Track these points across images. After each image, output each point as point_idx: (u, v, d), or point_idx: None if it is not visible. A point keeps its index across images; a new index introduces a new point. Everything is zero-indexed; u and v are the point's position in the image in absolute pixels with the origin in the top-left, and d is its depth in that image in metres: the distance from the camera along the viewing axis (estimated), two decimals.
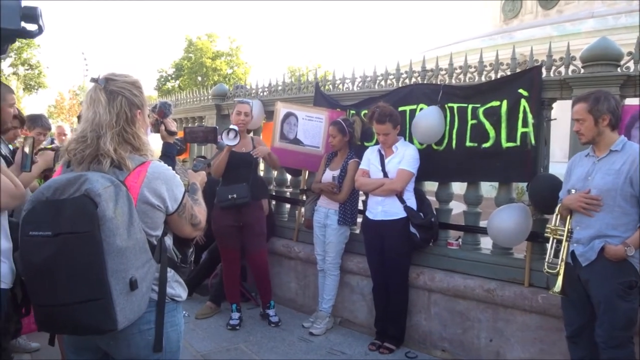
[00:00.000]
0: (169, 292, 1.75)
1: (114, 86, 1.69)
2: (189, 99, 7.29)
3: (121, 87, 1.70)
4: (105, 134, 1.64)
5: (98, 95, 1.68)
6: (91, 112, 1.67)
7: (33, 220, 1.54)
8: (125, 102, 1.69)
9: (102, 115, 1.66)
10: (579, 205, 2.66)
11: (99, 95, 1.68)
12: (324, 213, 4.21)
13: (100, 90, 1.68)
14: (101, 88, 1.68)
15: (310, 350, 3.85)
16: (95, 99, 1.68)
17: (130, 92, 1.72)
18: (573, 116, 2.73)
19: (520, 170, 3.49)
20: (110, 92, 1.68)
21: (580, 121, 2.67)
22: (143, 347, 1.69)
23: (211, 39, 32.39)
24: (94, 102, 1.68)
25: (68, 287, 1.49)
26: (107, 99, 1.67)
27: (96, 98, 1.68)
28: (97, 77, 1.70)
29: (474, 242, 3.83)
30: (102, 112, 1.66)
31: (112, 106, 1.67)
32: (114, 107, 1.67)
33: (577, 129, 2.72)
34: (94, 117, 1.66)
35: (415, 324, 3.94)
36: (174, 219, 1.75)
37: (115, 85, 1.70)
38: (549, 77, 3.40)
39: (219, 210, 4.18)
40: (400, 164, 3.72)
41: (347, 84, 4.78)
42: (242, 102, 4.39)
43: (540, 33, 12.27)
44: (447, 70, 3.97)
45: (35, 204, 1.56)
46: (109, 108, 1.67)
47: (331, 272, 4.21)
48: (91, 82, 1.71)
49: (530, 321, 3.35)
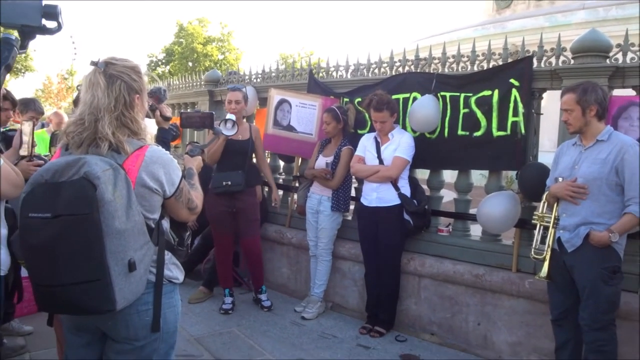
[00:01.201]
0: (167, 274, 1.77)
1: (114, 70, 1.70)
2: (182, 85, 7.26)
3: (120, 72, 1.71)
4: (103, 117, 1.65)
5: (97, 78, 1.68)
6: (90, 95, 1.68)
7: (32, 203, 1.55)
8: (124, 86, 1.70)
9: (100, 99, 1.66)
10: (565, 193, 2.74)
11: (98, 79, 1.68)
12: (316, 199, 4.26)
13: (100, 74, 1.68)
14: (100, 71, 1.68)
15: (302, 334, 3.92)
16: (95, 82, 1.68)
17: (129, 76, 1.72)
18: (562, 106, 2.80)
19: (510, 159, 3.56)
20: (109, 76, 1.69)
21: (569, 111, 2.74)
22: (141, 328, 1.72)
23: (202, 24, 32.05)
24: (92, 85, 1.68)
25: (67, 268, 1.51)
26: (106, 82, 1.68)
27: (95, 81, 1.68)
28: (97, 61, 1.71)
29: (463, 228, 3.90)
30: (101, 95, 1.67)
31: (110, 90, 1.68)
32: (112, 91, 1.68)
33: (565, 119, 2.79)
34: (92, 100, 1.67)
35: (405, 309, 4.02)
36: (171, 203, 1.78)
37: (114, 69, 1.70)
38: (539, 67, 3.46)
39: (213, 196, 4.21)
40: (396, 152, 3.77)
41: (340, 72, 4.81)
42: (233, 89, 4.34)
43: (532, 23, 12.36)
44: (440, 59, 4.01)
45: (35, 187, 1.57)
46: (108, 92, 1.67)
47: (323, 258, 4.27)
48: (91, 65, 1.71)
49: (517, 305, 3.44)
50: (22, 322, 3.69)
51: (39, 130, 5.39)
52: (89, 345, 1.81)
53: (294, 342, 3.77)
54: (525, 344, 3.42)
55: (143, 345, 1.74)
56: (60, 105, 26.05)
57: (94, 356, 1.82)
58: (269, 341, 3.77)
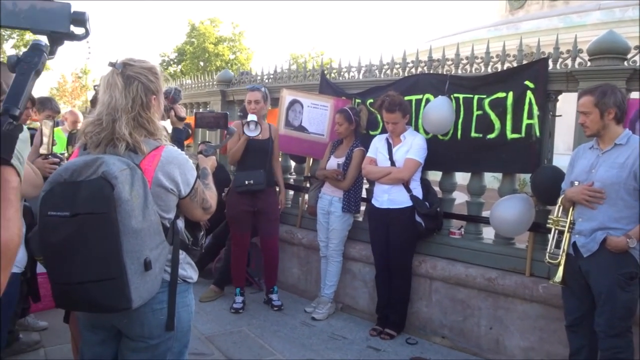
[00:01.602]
0: (181, 273, 1.79)
1: (131, 71, 1.71)
2: (194, 85, 7.29)
3: (138, 73, 1.72)
4: (120, 117, 1.66)
5: (115, 79, 1.70)
6: (107, 96, 1.70)
7: (51, 201, 1.57)
8: (141, 87, 1.71)
9: (118, 100, 1.68)
10: (582, 197, 2.70)
11: (115, 80, 1.70)
12: (328, 200, 4.25)
13: (117, 75, 1.70)
14: (118, 72, 1.70)
15: (312, 335, 3.91)
16: (112, 83, 1.70)
17: (146, 77, 1.73)
18: (579, 108, 2.76)
19: (524, 162, 3.53)
20: (127, 77, 1.70)
21: (586, 114, 2.70)
22: (156, 326, 1.74)
23: (214, 24, 32.17)
24: (110, 86, 1.70)
25: (85, 266, 1.53)
26: (124, 83, 1.69)
27: (113, 82, 1.70)
28: (115, 62, 1.72)
29: (476, 231, 3.87)
30: (118, 96, 1.68)
31: (128, 91, 1.69)
32: (130, 92, 1.69)
33: (582, 122, 2.74)
34: (109, 101, 1.69)
35: (416, 311, 4.00)
36: (185, 203, 1.79)
37: (132, 70, 1.72)
38: (555, 69, 3.42)
39: (235, 195, 4.24)
40: (408, 153, 3.75)
41: (352, 73, 4.80)
42: (252, 89, 4.34)
43: (547, 24, 12.24)
44: (453, 61, 3.99)
45: (54, 185, 1.59)
46: (125, 92, 1.69)
47: (334, 259, 4.26)
48: (109, 66, 1.73)
49: (530, 310, 3.40)
50: (37, 318, 3.74)
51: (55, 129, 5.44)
52: (105, 342, 1.83)
53: (304, 343, 3.76)
54: (538, 349, 3.38)
55: (157, 343, 1.76)
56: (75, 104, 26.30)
57: (109, 353, 1.84)
58: (279, 341, 3.77)
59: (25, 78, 1.08)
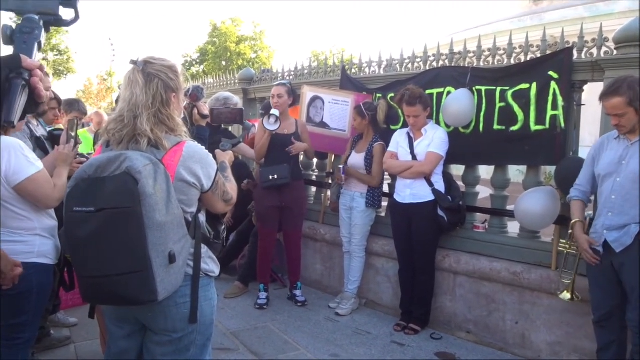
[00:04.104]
0: (203, 267, 1.82)
1: (152, 69, 1.75)
2: (216, 83, 7.37)
3: (158, 71, 1.75)
4: (141, 114, 1.70)
5: (136, 76, 1.74)
6: (128, 93, 1.73)
7: (77, 197, 1.61)
8: (161, 84, 1.74)
9: (138, 96, 1.72)
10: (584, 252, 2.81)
11: (136, 77, 1.73)
12: (350, 196, 4.26)
13: (138, 72, 1.74)
14: (139, 70, 1.74)
15: (336, 330, 3.93)
16: (133, 80, 1.74)
17: (166, 75, 1.77)
18: (610, 111, 2.64)
19: (549, 154, 3.47)
20: (147, 75, 1.74)
21: (620, 115, 2.59)
22: (179, 320, 1.77)
23: (235, 24, 32.40)
24: (131, 83, 1.74)
25: (111, 259, 1.56)
26: (145, 80, 1.73)
27: (134, 79, 1.74)
28: (136, 60, 1.76)
29: (500, 225, 3.83)
30: (139, 93, 1.72)
31: (148, 88, 1.72)
32: (150, 89, 1.72)
33: (616, 123, 2.63)
34: (131, 98, 1.72)
35: (440, 306, 3.98)
36: (207, 196, 1.83)
37: (152, 68, 1.75)
38: (580, 59, 3.35)
39: (262, 191, 4.28)
40: (430, 147, 3.72)
41: (373, 67, 4.78)
42: (278, 84, 4.38)
43: (572, 14, 11.96)
44: (475, 53, 3.94)
45: (79, 181, 1.62)
46: (146, 89, 1.72)
47: (357, 254, 4.27)
48: (130, 64, 1.77)
49: (556, 304, 3.35)
50: (67, 314, 3.85)
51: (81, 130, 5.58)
52: (130, 336, 1.87)
53: (328, 338, 3.78)
54: (565, 343, 3.33)
55: (181, 337, 1.79)
56: (100, 106, 26.86)
57: (134, 347, 1.88)
58: (303, 336, 3.80)
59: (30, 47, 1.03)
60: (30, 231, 2.21)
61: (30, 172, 2.12)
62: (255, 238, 4.68)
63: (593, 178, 2.86)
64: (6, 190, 2.11)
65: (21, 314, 2.20)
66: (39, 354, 3.24)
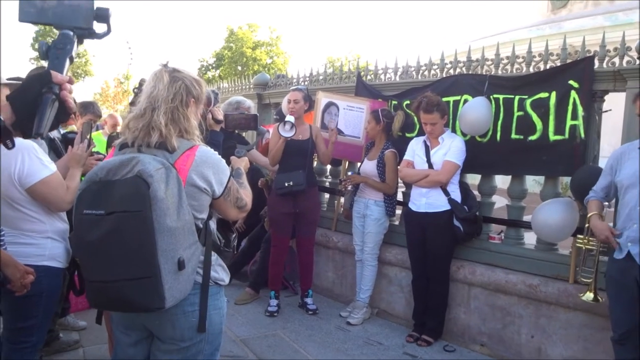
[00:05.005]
0: (213, 275, 1.78)
1: (178, 74, 1.79)
2: (231, 88, 7.39)
3: (184, 76, 1.79)
4: (159, 107, 1.71)
5: (162, 74, 1.77)
6: (151, 87, 1.76)
7: (87, 199, 1.59)
8: (184, 87, 1.77)
9: (160, 90, 1.74)
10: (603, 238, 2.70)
11: (162, 75, 1.77)
12: (363, 203, 4.21)
13: (165, 72, 1.77)
14: (166, 70, 1.78)
15: (347, 340, 3.87)
16: (159, 77, 1.77)
17: (190, 82, 1.80)
18: None
19: (568, 164, 3.39)
20: (173, 76, 1.77)
21: None
22: (187, 329, 1.74)
23: (252, 29, 32.60)
24: (156, 79, 1.77)
25: (120, 264, 1.54)
26: (169, 79, 1.76)
27: (160, 76, 1.77)
28: (166, 63, 1.81)
29: (517, 236, 3.75)
30: (161, 88, 1.74)
31: (171, 85, 1.75)
32: (172, 87, 1.75)
33: None
34: (152, 91, 1.75)
35: (454, 318, 3.90)
36: (219, 203, 1.80)
37: (179, 73, 1.79)
38: (601, 68, 3.28)
39: (276, 197, 4.26)
40: (447, 156, 3.66)
41: (389, 74, 4.74)
42: (294, 89, 4.37)
43: (591, 23, 11.79)
44: (493, 61, 3.88)
45: (90, 184, 1.62)
46: (169, 86, 1.75)
47: (369, 263, 4.21)
48: (160, 65, 1.80)
49: (574, 319, 3.26)
50: (77, 318, 3.83)
51: (95, 133, 5.62)
52: (137, 344, 1.84)
53: (339, 348, 3.73)
54: (582, 359, 3.23)
55: (188, 346, 1.76)
56: (117, 108, 27.14)
57: (141, 355, 1.85)
58: (313, 345, 3.75)
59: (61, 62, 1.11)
60: (41, 234, 2.20)
61: (44, 174, 2.12)
62: (267, 244, 4.65)
63: (609, 187, 2.82)
64: (19, 192, 2.10)
65: (30, 317, 2.19)
66: (47, 357, 3.23)
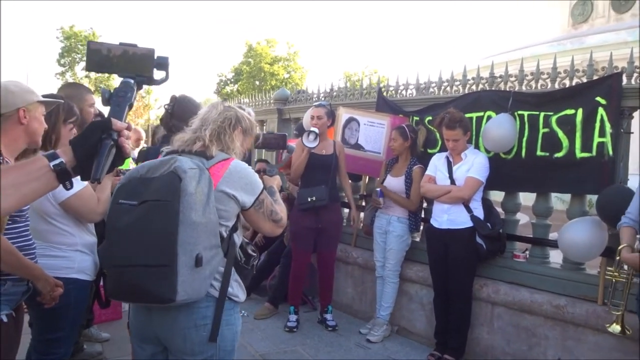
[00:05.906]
0: (229, 290, 1.81)
1: (232, 109, 1.98)
2: (251, 103, 7.45)
3: (237, 110, 1.98)
4: (208, 125, 1.88)
5: (219, 104, 1.99)
6: (206, 111, 1.96)
7: (124, 191, 1.71)
8: (235, 117, 1.95)
9: (212, 114, 1.93)
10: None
11: (219, 105, 1.98)
12: (386, 219, 4.18)
13: (221, 104, 1.99)
14: (222, 104, 1.99)
15: (367, 357, 3.82)
16: (215, 107, 1.98)
17: (242, 115, 1.98)
18: None
19: (595, 183, 3.32)
20: (227, 107, 1.99)
21: None
22: (198, 343, 1.77)
23: (270, 44, 32.99)
24: (213, 107, 1.98)
25: (140, 249, 1.61)
26: (223, 109, 1.96)
27: (216, 106, 1.98)
28: (225, 99, 1.91)
29: (542, 255, 3.67)
30: (214, 113, 1.94)
31: (223, 112, 1.94)
32: (224, 114, 1.94)
33: None
34: (205, 114, 1.94)
35: (476, 337, 3.82)
36: (250, 214, 1.87)
37: (233, 108, 1.99)
38: (630, 84, 3.23)
39: (298, 212, 4.26)
40: (469, 172, 3.62)
41: (410, 90, 4.74)
42: (317, 105, 4.40)
43: (614, 38, 11.67)
44: (517, 77, 3.85)
45: (130, 179, 1.74)
46: (221, 112, 1.94)
47: (390, 280, 4.17)
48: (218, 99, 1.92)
49: (603, 342, 3.17)
50: (100, 329, 3.86)
51: None
52: (153, 357, 1.88)
53: None
54: None
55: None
56: (137, 122, 27.57)
57: None
58: None
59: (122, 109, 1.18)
60: (71, 246, 2.24)
61: (77, 188, 2.15)
62: (287, 259, 4.63)
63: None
64: (52, 205, 2.14)
65: (58, 329, 2.22)
66: None
